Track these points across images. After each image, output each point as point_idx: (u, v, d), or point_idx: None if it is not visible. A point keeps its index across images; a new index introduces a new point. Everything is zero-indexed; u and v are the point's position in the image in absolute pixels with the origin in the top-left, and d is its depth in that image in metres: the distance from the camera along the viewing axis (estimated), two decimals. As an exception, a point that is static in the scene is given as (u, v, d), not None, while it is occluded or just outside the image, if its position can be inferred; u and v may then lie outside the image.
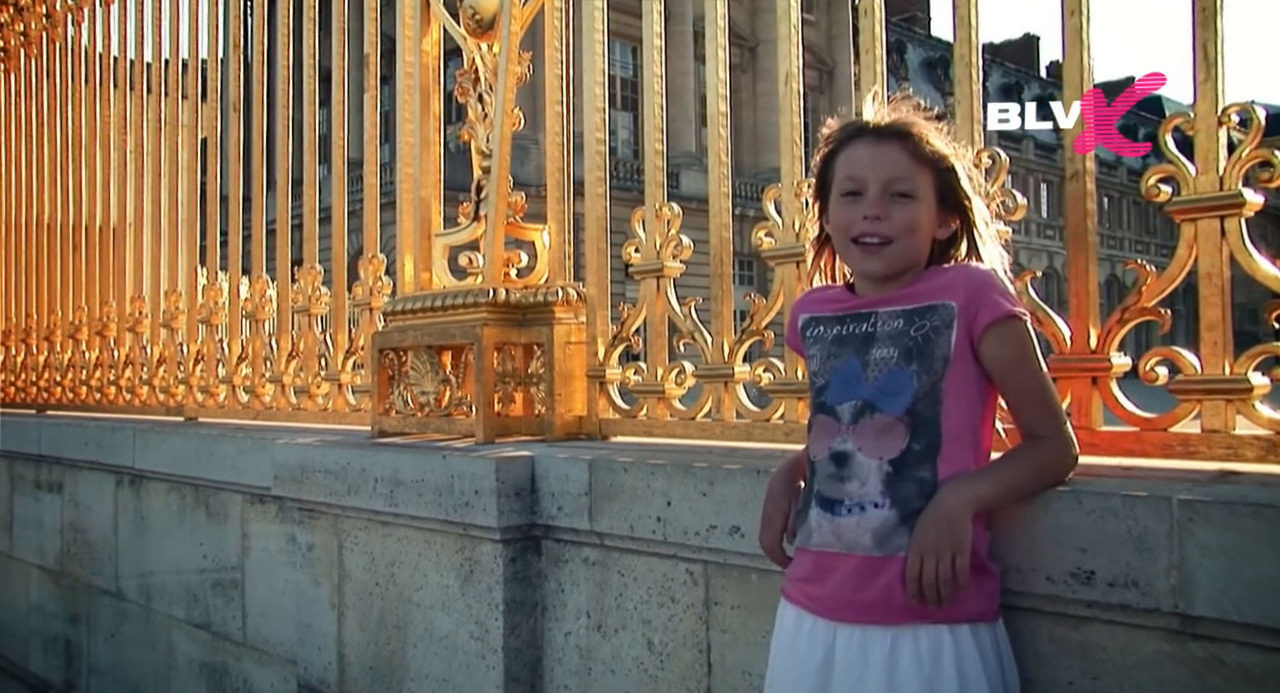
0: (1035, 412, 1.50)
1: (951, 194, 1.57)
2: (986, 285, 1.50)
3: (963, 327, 1.47)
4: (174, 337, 4.36)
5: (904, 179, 1.53)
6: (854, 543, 1.47)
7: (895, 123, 1.57)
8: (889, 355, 1.50)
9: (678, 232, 2.46)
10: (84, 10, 5.23)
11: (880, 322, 1.53)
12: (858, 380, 1.52)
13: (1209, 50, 1.63)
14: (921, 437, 1.45)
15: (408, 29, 3.06)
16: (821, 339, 1.60)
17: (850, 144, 1.59)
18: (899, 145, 1.55)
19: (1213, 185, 1.63)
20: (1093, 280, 1.78)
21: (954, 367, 1.47)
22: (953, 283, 1.51)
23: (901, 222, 1.52)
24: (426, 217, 3.00)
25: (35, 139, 5.65)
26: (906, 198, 1.53)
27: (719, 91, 2.37)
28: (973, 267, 1.56)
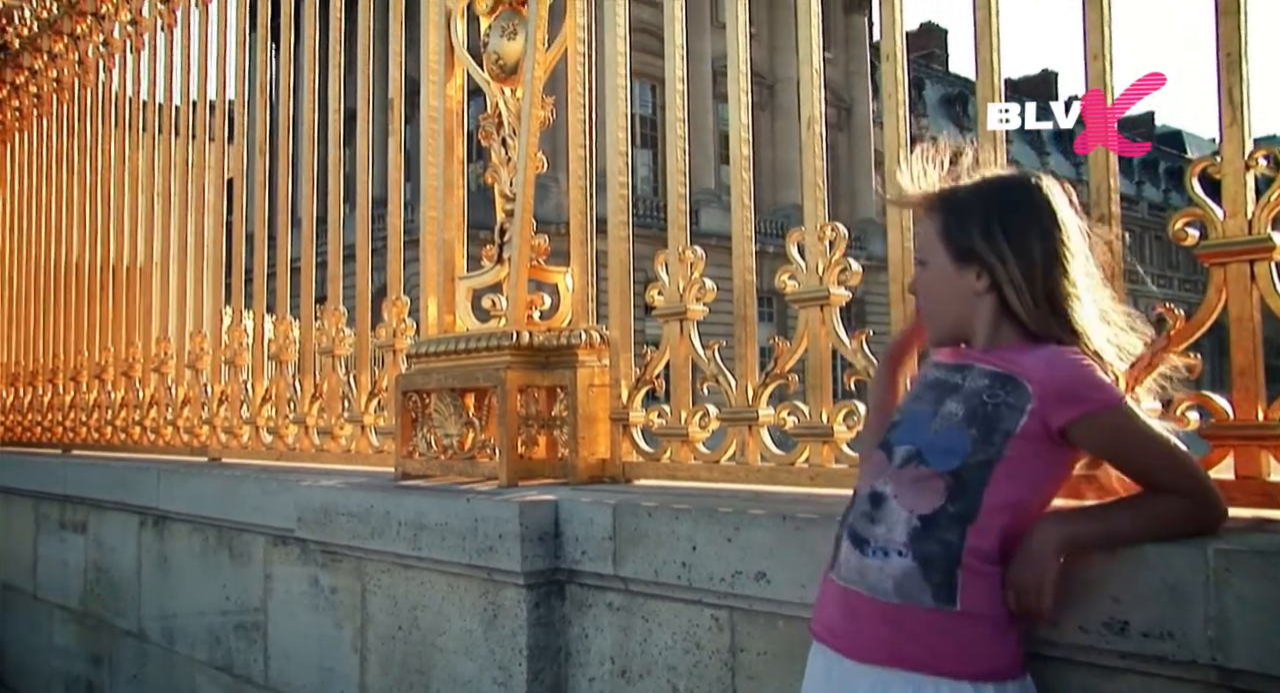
0: (1162, 476, 1.43)
1: (967, 247, 1.52)
2: (1071, 375, 1.43)
3: (1036, 414, 1.42)
4: (198, 377, 4.38)
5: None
6: (876, 586, 1.45)
7: (920, 193, 1.61)
8: (955, 411, 1.48)
9: (700, 275, 2.47)
10: (115, 57, 5.32)
11: (969, 377, 1.50)
12: (923, 428, 1.50)
13: (1234, 94, 1.63)
14: (960, 500, 1.41)
15: (432, 74, 3.10)
16: (923, 380, 1.60)
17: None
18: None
19: (1241, 229, 1.62)
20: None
21: (1016, 445, 1.42)
22: (1035, 366, 1.45)
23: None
24: (450, 259, 3.01)
25: (65, 182, 5.74)
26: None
27: (741, 135, 2.38)
28: (1059, 352, 1.46)
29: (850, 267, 2.18)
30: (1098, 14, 1.82)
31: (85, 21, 5.53)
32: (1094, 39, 1.81)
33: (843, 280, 2.18)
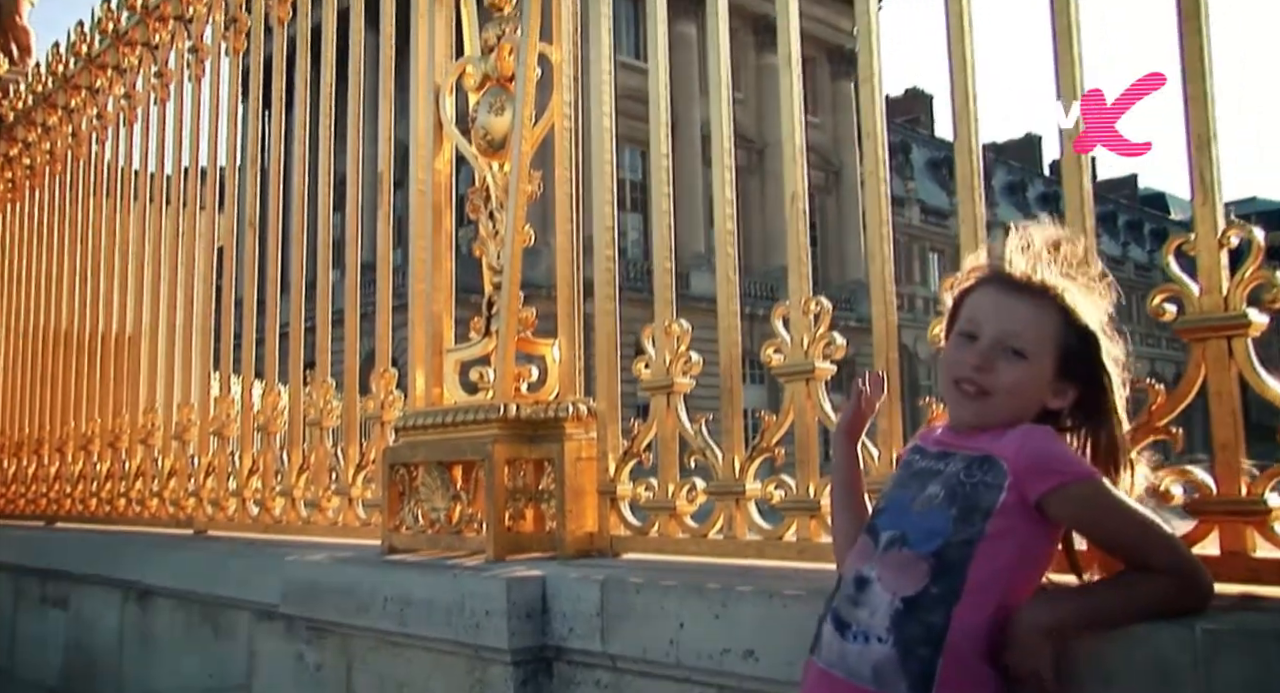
0: (1139, 552, 1.42)
1: (1078, 363, 1.50)
2: (1044, 448, 1.44)
3: (1013, 489, 1.42)
4: (185, 449, 4.36)
5: (1021, 336, 1.48)
6: (854, 672, 1.44)
7: (1031, 279, 1.52)
8: (936, 493, 1.47)
9: (687, 348, 2.48)
10: (109, 129, 5.39)
11: (950, 462, 1.50)
12: (906, 512, 1.50)
13: (1205, 176, 1.66)
14: (943, 581, 1.40)
15: (421, 148, 3.14)
16: (908, 465, 1.59)
17: (981, 288, 1.55)
18: (1031, 302, 1.50)
19: (1217, 306, 1.64)
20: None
21: (997, 523, 1.41)
22: (1009, 444, 1.45)
23: (1008, 379, 1.48)
24: (438, 332, 3.02)
25: (55, 252, 5.77)
26: (1018, 356, 1.48)
27: (725, 211, 2.40)
28: (1032, 428, 1.47)
29: (835, 340, 2.20)
30: (1070, 83, 1.86)
31: (79, 95, 5.61)
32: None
33: (828, 354, 2.20)
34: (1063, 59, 1.87)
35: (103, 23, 5.34)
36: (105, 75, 5.38)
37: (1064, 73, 1.87)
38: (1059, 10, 1.89)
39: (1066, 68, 1.87)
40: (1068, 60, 1.87)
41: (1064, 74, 1.87)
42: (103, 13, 5.35)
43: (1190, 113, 1.71)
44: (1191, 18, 1.68)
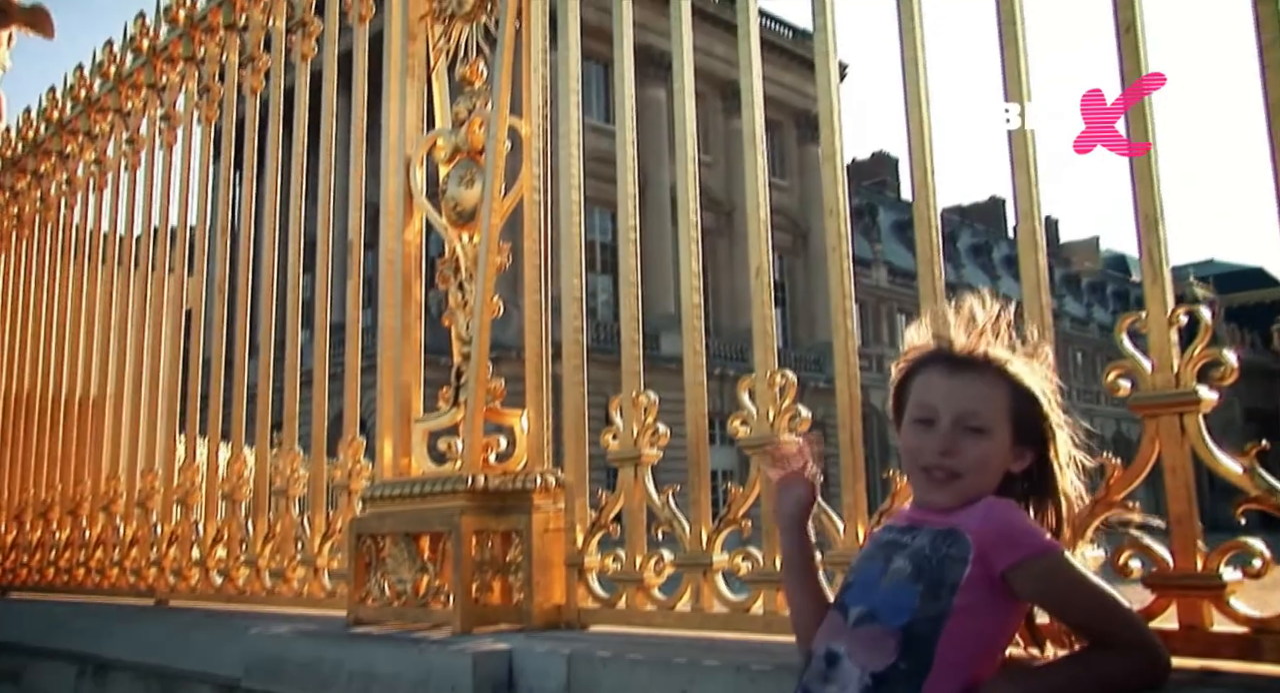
0: (1100, 627, 1.44)
1: (1032, 428, 1.53)
2: (1007, 522, 1.46)
3: (978, 563, 1.43)
4: (148, 517, 4.31)
5: (978, 414, 1.50)
6: None
7: (974, 353, 1.55)
8: (903, 567, 1.48)
9: (655, 419, 2.50)
10: (78, 194, 5.39)
11: (917, 536, 1.52)
12: (874, 587, 1.51)
13: (1154, 255, 1.72)
14: (911, 656, 1.41)
15: (391, 217, 3.17)
16: (875, 541, 1.60)
17: (927, 369, 1.57)
18: (979, 378, 1.52)
19: (1169, 383, 1.69)
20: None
21: (964, 597, 1.42)
22: (972, 517, 1.47)
23: (973, 457, 1.50)
24: (407, 401, 3.03)
25: (19, 316, 5.73)
26: (979, 433, 1.50)
27: (692, 284, 2.44)
28: (995, 501, 1.50)
29: (800, 413, 2.22)
30: (1026, 177, 1.92)
31: (50, 160, 5.62)
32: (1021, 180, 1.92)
33: (793, 427, 2.22)
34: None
35: (75, 89, 5.38)
36: (76, 141, 5.40)
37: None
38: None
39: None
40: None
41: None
42: (75, 79, 5.39)
43: (1138, 193, 1.76)
44: (1137, 110, 1.75)
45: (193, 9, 4.51)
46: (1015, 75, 1.96)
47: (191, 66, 4.53)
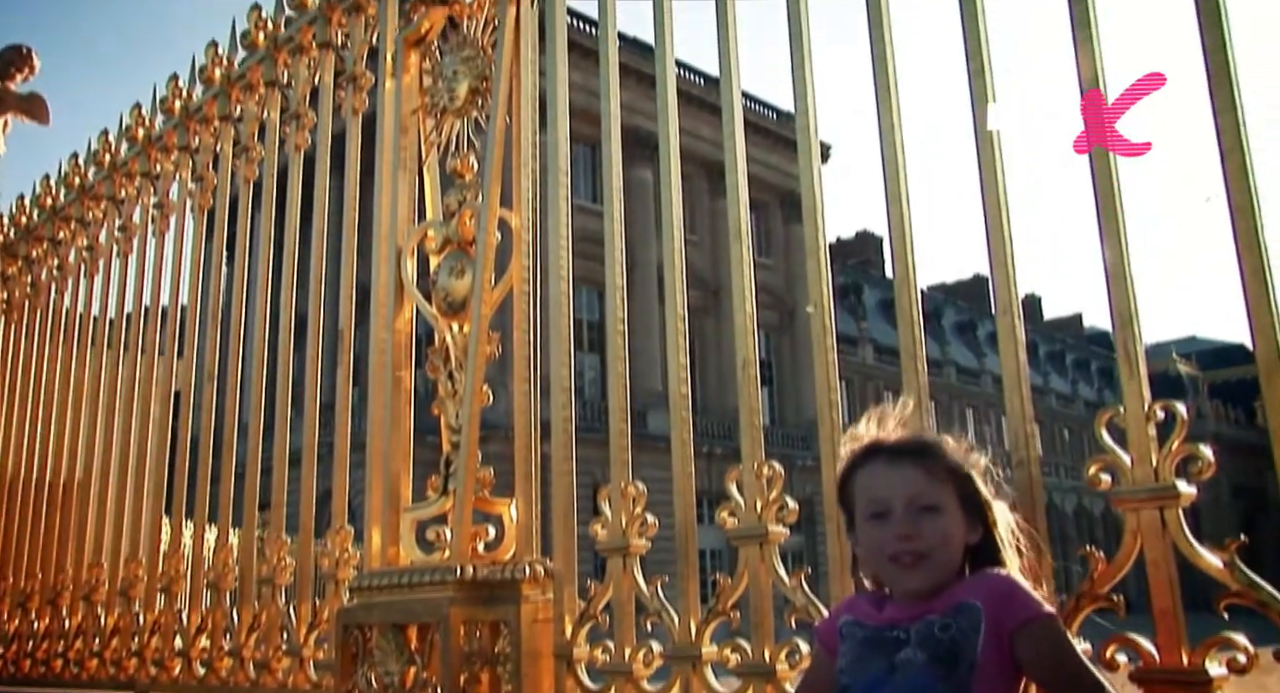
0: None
1: (973, 500, 1.61)
2: (1010, 588, 1.53)
3: (990, 629, 1.48)
4: (131, 606, 4.25)
5: (927, 493, 1.58)
6: None
7: (907, 442, 1.64)
8: (915, 658, 1.51)
9: (643, 510, 2.51)
10: (69, 279, 5.43)
11: (915, 628, 1.54)
12: (882, 685, 1.52)
13: (1130, 351, 1.76)
14: None
15: (382, 307, 3.21)
16: (853, 638, 1.63)
17: (867, 465, 1.65)
18: (914, 463, 1.60)
19: (1148, 477, 1.72)
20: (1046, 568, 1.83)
21: (982, 670, 1.47)
22: (976, 587, 1.54)
23: (934, 534, 1.56)
24: (395, 491, 3.03)
25: (7, 400, 5.71)
26: (933, 511, 1.57)
27: (680, 392, 2.46)
28: (994, 573, 1.58)
29: (787, 505, 2.24)
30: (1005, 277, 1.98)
31: (41, 246, 5.67)
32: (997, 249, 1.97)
33: (781, 518, 2.24)
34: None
35: (69, 177, 5.45)
36: (69, 227, 5.45)
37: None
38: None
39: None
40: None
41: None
42: (69, 167, 5.47)
43: (1112, 290, 1.82)
44: (1109, 211, 1.81)
45: (188, 100, 4.61)
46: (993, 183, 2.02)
47: (186, 155, 4.61)
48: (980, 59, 2.09)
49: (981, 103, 2.07)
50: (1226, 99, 1.71)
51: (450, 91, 3.20)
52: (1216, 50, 1.73)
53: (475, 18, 3.24)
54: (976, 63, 2.09)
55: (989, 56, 2.09)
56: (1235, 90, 1.69)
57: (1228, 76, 1.70)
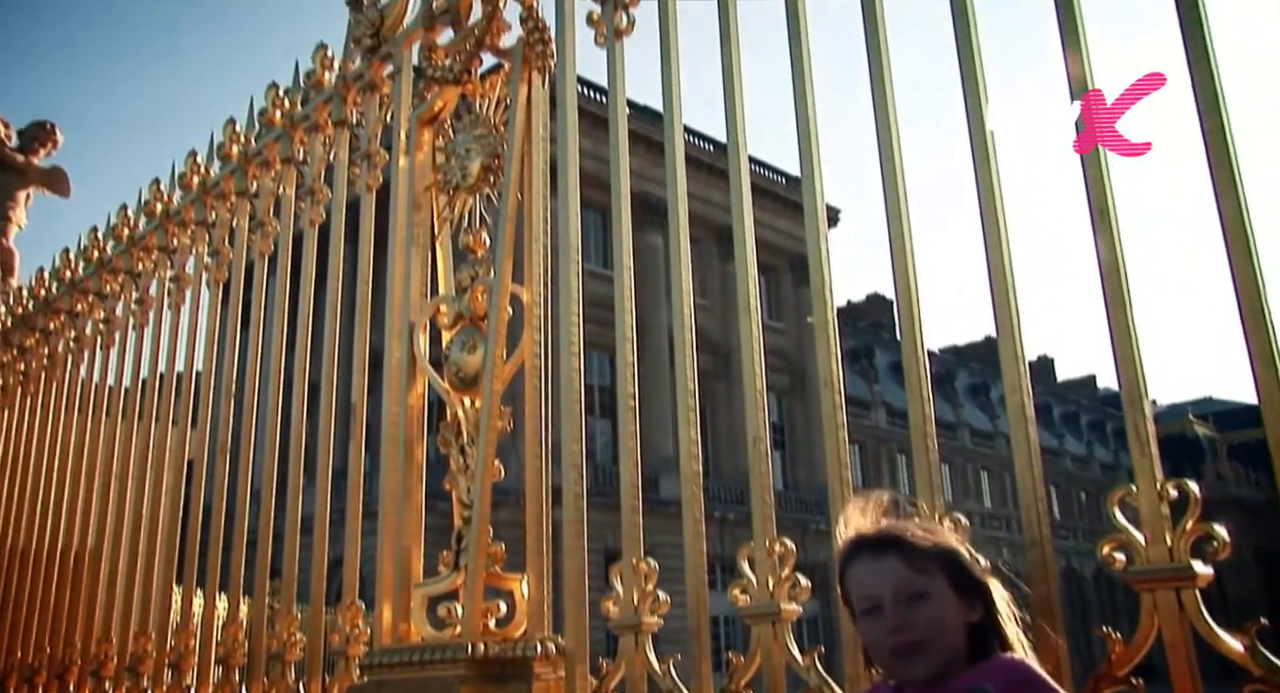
0: None
1: (967, 580, 1.61)
2: (1028, 676, 1.51)
3: None
4: (139, 681, 4.22)
5: (912, 582, 1.57)
6: None
7: (885, 533, 1.64)
8: None
9: (655, 587, 2.50)
10: (85, 352, 5.48)
11: None
12: None
13: (1140, 430, 1.76)
14: None
15: (394, 381, 3.23)
16: None
17: (854, 561, 1.65)
18: (896, 553, 1.60)
19: (1163, 557, 1.71)
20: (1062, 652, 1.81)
21: None
22: (990, 672, 1.52)
23: (926, 622, 1.55)
24: (406, 566, 3.02)
25: (20, 471, 5.73)
26: (922, 599, 1.57)
27: (694, 498, 2.46)
28: (1009, 658, 1.57)
29: (799, 582, 2.23)
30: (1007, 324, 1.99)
31: (59, 318, 5.73)
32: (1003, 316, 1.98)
33: (793, 596, 2.23)
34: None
35: (88, 250, 5.53)
36: (86, 300, 5.52)
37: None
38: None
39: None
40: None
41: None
42: (89, 241, 5.56)
43: (1121, 370, 1.82)
44: (1118, 304, 1.82)
45: (206, 175, 4.69)
46: (998, 254, 2.04)
47: (202, 230, 4.67)
48: (981, 123, 2.12)
49: (985, 170, 2.09)
50: (1228, 179, 1.74)
51: (463, 169, 3.25)
52: (1216, 134, 1.76)
53: (487, 97, 3.31)
54: (978, 126, 2.12)
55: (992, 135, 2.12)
56: (1237, 173, 1.72)
57: (1228, 160, 1.73)
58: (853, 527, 1.69)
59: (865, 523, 1.67)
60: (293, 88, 4.22)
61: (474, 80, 3.35)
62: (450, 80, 3.35)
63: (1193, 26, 1.85)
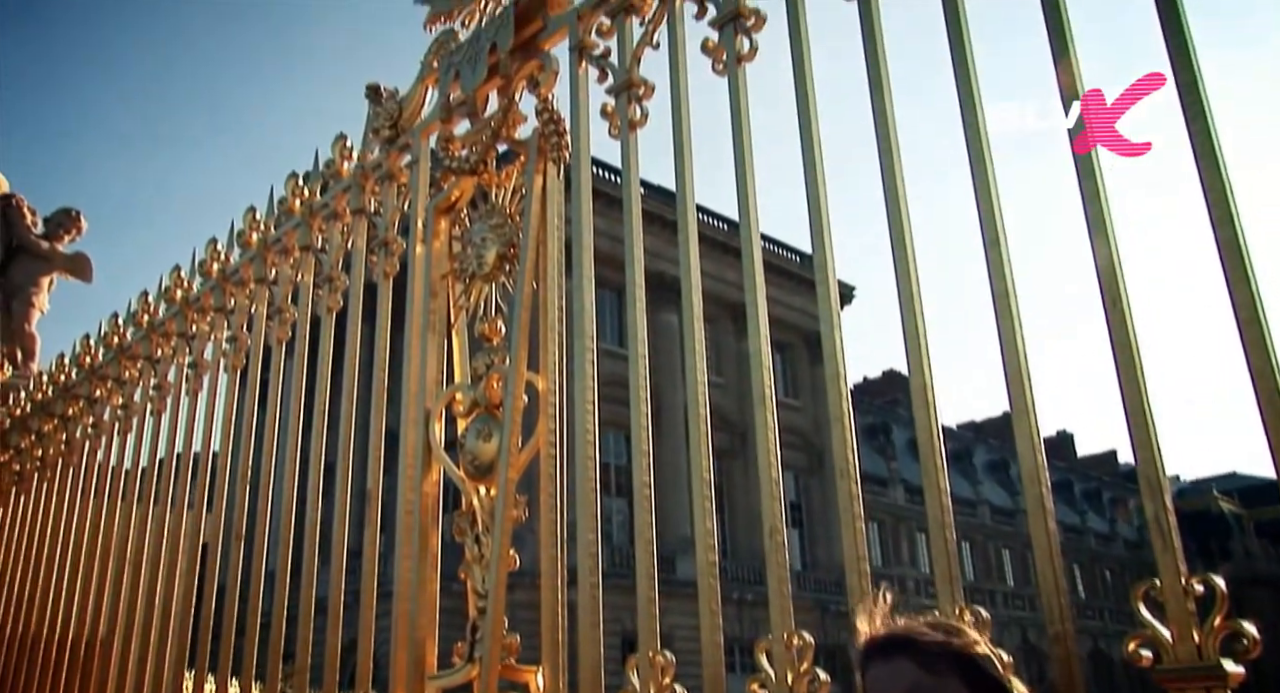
0: None
1: (985, 680, 1.56)
2: None
3: None
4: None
5: (920, 685, 1.54)
6: None
7: (894, 635, 1.61)
8: None
9: (672, 681, 2.45)
10: (102, 438, 5.50)
11: None
12: None
13: (1162, 522, 1.74)
14: None
15: (409, 471, 3.22)
16: None
17: (868, 668, 1.62)
18: (906, 657, 1.57)
19: (1191, 655, 1.67)
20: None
21: None
22: None
23: None
24: (420, 657, 2.98)
25: (33, 557, 5.71)
26: None
27: (708, 559, 2.44)
28: None
29: (819, 677, 2.18)
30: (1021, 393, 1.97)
31: (78, 404, 5.77)
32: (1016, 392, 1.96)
33: (813, 690, 2.18)
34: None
35: (108, 336, 5.60)
36: (105, 386, 5.56)
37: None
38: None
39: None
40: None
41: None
42: (109, 327, 5.62)
43: (1139, 458, 1.81)
44: (1133, 387, 1.82)
45: (226, 263, 4.76)
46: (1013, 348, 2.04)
47: (221, 317, 4.72)
48: (990, 197, 2.14)
49: (996, 252, 2.10)
50: (1239, 272, 1.74)
51: (479, 258, 3.29)
52: (1224, 224, 1.77)
53: (503, 187, 3.37)
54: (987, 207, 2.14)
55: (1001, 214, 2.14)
56: (1250, 267, 1.72)
57: (1238, 247, 1.74)
58: (864, 631, 1.66)
59: (875, 627, 1.64)
60: (312, 176, 4.30)
61: (490, 170, 3.41)
62: (467, 171, 3.41)
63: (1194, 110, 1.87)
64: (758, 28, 2.75)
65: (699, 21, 2.89)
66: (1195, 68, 1.87)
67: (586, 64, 3.14)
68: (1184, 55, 1.88)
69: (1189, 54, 1.88)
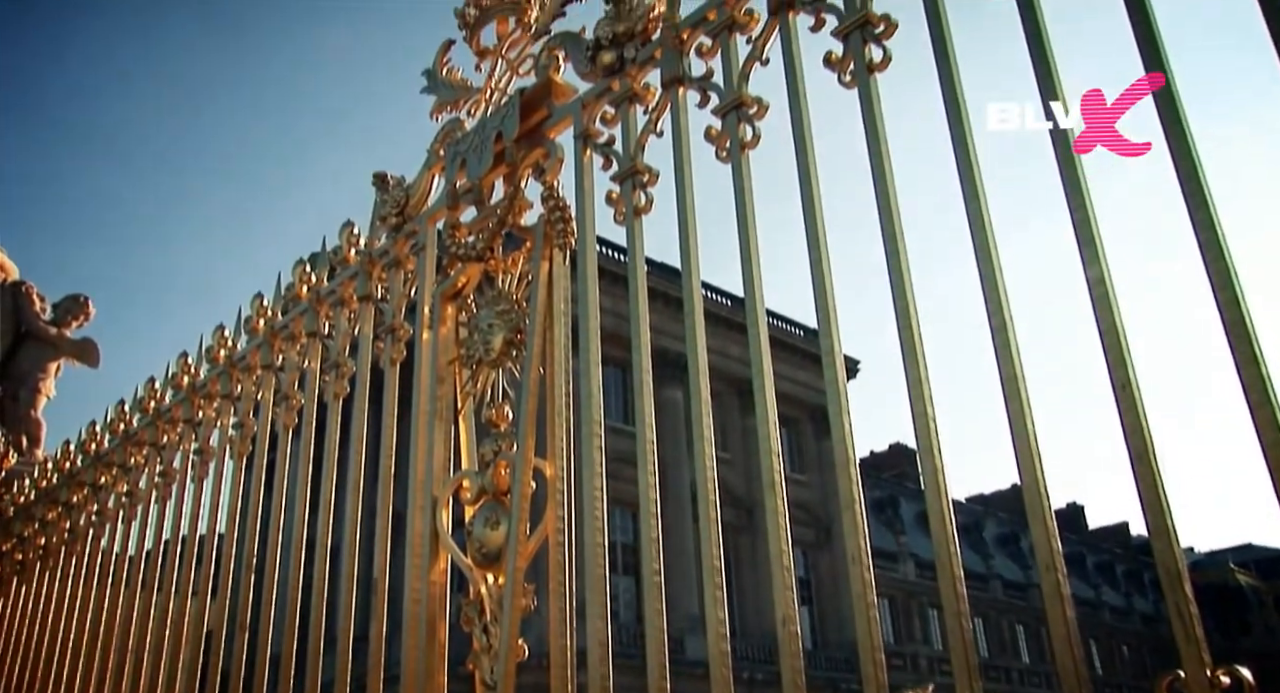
0: None
1: None
2: None
3: None
4: None
5: None
6: None
7: None
8: None
9: (685, 777, 2.40)
10: (106, 525, 5.46)
11: None
12: None
13: (1183, 611, 1.71)
14: None
15: (416, 559, 3.19)
16: None
17: None
18: None
19: (1220, 747, 1.63)
20: None
21: None
22: None
23: None
24: (427, 753, 2.92)
25: (36, 645, 5.64)
26: None
27: (720, 648, 2.40)
28: None
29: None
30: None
31: (82, 492, 5.74)
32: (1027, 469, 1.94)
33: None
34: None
35: (114, 423, 5.59)
36: (110, 473, 5.54)
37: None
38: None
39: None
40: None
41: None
42: (115, 413, 5.62)
43: (1155, 544, 1.79)
44: (1144, 466, 1.81)
45: (233, 350, 4.78)
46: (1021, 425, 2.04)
47: (228, 403, 4.73)
48: (994, 274, 2.14)
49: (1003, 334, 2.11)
50: (1247, 353, 1.74)
51: (485, 344, 3.30)
52: (1231, 306, 1.78)
53: (510, 273, 3.39)
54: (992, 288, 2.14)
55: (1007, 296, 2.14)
56: (1256, 346, 1.72)
57: (1247, 337, 1.74)
58: None
59: None
60: (319, 263, 4.34)
61: (496, 257, 3.43)
62: (473, 257, 3.44)
63: (1185, 165, 1.89)
64: (760, 116, 2.79)
65: (702, 109, 2.94)
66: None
67: (591, 152, 3.19)
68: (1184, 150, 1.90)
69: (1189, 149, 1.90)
